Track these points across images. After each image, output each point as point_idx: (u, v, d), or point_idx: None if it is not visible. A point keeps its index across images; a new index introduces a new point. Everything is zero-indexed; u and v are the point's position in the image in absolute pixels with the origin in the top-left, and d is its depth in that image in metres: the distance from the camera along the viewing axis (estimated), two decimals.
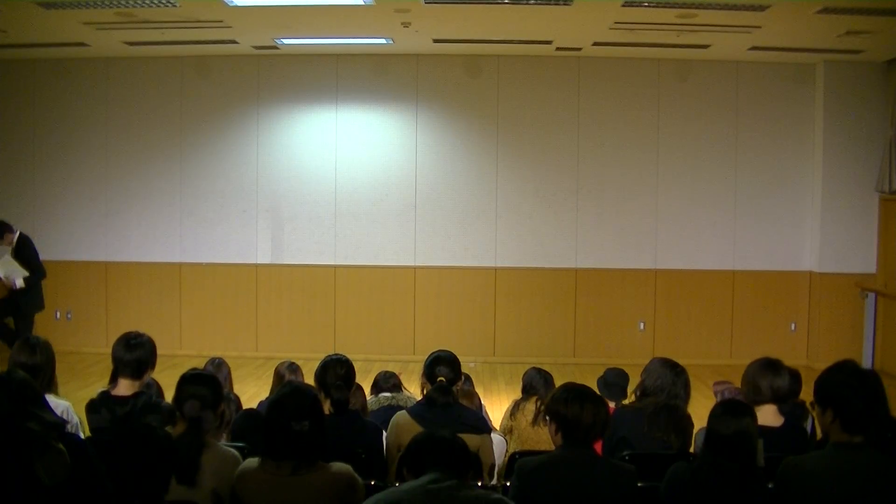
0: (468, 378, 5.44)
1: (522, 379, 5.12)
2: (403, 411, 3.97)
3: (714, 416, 3.01)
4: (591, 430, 3.10)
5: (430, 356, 4.10)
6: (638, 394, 3.98)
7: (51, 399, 3.29)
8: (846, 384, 2.83)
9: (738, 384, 4.27)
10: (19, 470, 2.55)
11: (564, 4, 7.11)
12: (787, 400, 3.79)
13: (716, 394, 4.70)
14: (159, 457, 2.50)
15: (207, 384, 3.25)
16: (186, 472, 2.91)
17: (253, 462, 2.96)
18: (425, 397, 3.94)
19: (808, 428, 4.14)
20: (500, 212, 9.62)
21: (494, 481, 3.82)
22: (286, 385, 3.29)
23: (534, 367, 5.17)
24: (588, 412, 3.09)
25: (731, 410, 2.98)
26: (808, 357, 9.28)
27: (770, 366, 3.74)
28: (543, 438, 4.20)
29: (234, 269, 9.75)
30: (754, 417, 2.98)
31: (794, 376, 3.98)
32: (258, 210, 9.73)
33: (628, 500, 3.05)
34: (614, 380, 5.00)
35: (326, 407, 3.71)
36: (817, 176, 9.34)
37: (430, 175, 9.62)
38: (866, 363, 8.96)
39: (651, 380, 3.91)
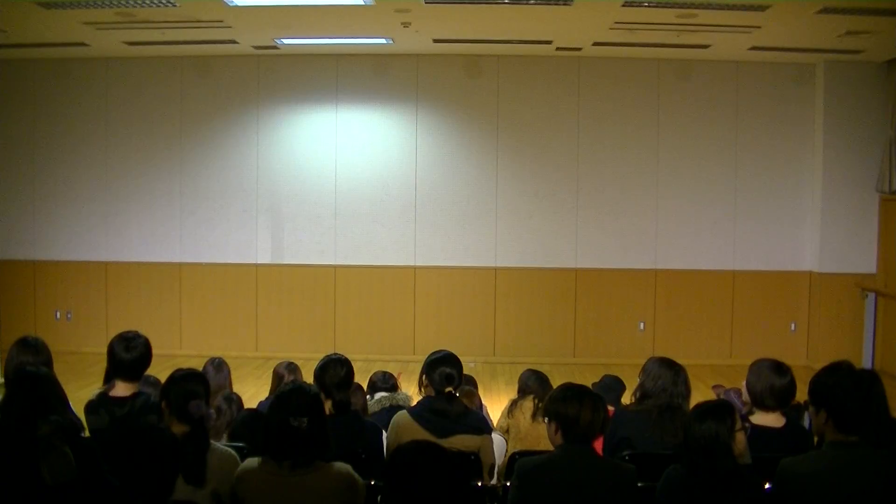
0: (472, 379, 5.46)
1: (518, 381, 5.15)
2: (404, 412, 3.96)
3: (687, 419, 3.02)
4: (591, 428, 3.11)
5: (431, 356, 4.02)
6: (637, 395, 3.95)
7: None
8: (839, 385, 2.84)
9: (737, 385, 4.27)
10: (25, 469, 2.55)
11: (564, 4, 7.11)
12: (787, 402, 3.78)
13: (717, 396, 4.70)
14: (168, 457, 2.50)
15: (202, 382, 3.25)
16: (195, 471, 2.91)
17: (253, 462, 2.96)
18: (430, 406, 3.86)
19: (806, 426, 4.14)
20: (500, 212, 9.62)
21: (494, 481, 3.82)
22: (289, 383, 3.30)
23: (529, 369, 5.23)
24: (587, 410, 3.10)
25: (698, 415, 2.97)
26: (808, 357, 9.27)
27: (772, 367, 3.73)
28: (542, 435, 4.19)
29: (234, 269, 9.75)
30: (725, 420, 2.92)
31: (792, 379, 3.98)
32: (258, 210, 9.73)
33: (628, 499, 3.06)
34: (612, 385, 5.03)
35: (327, 407, 3.70)
36: (817, 176, 9.34)
37: (430, 175, 9.62)
38: (866, 363, 8.95)
39: (651, 381, 3.88)
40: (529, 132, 9.58)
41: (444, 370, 3.90)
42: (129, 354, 3.82)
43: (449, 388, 3.86)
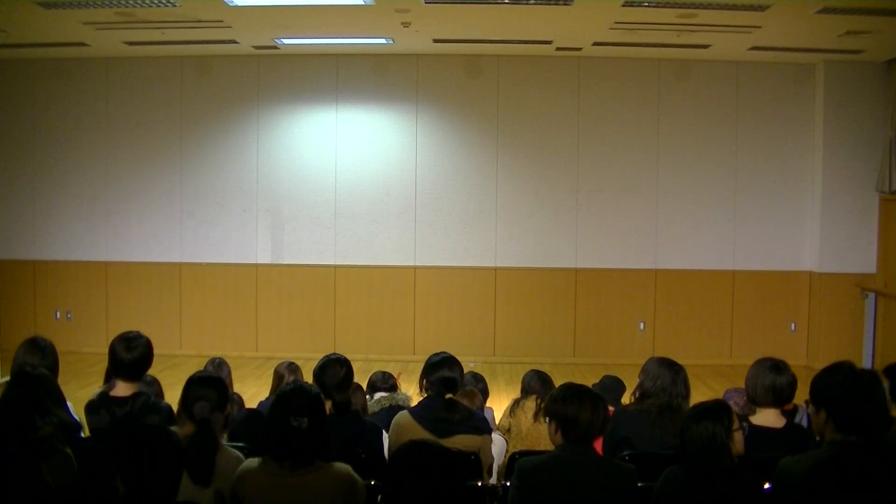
0: (481, 377, 5.48)
1: (521, 381, 5.17)
2: (405, 412, 3.95)
3: (684, 420, 3.03)
4: (590, 427, 3.11)
5: (430, 359, 4.00)
6: (637, 395, 3.95)
7: None
8: (840, 385, 2.84)
9: (738, 384, 4.27)
10: (26, 471, 2.55)
11: (564, 4, 7.11)
12: (786, 401, 3.78)
13: (727, 401, 4.69)
14: (171, 457, 2.50)
15: (216, 386, 3.27)
16: (202, 472, 2.92)
17: (253, 462, 2.96)
18: (432, 412, 3.83)
19: (804, 425, 4.14)
20: (500, 212, 9.62)
21: (494, 481, 3.82)
22: (290, 383, 3.31)
23: (532, 369, 5.24)
24: (587, 410, 3.11)
25: (695, 415, 2.97)
26: (808, 357, 9.28)
27: (773, 367, 3.74)
28: (543, 435, 4.20)
29: (234, 269, 9.75)
30: (721, 420, 2.92)
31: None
32: (258, 210, 9.73)
33: (628, 499, 3.06)
34: (612, 385, 5.05)
35: (327, 407, 3.70)
36: (817, 176, 9.34)
37: (430, 175, 9.62)
38: (866, 363, 8.95)
39: (650, 381, 3.88)
40: (529, 132, 9.58)
41: (442, 374, 3.88)
42: (130, 354, 3.82)
43: (449, 395, 3.84)
